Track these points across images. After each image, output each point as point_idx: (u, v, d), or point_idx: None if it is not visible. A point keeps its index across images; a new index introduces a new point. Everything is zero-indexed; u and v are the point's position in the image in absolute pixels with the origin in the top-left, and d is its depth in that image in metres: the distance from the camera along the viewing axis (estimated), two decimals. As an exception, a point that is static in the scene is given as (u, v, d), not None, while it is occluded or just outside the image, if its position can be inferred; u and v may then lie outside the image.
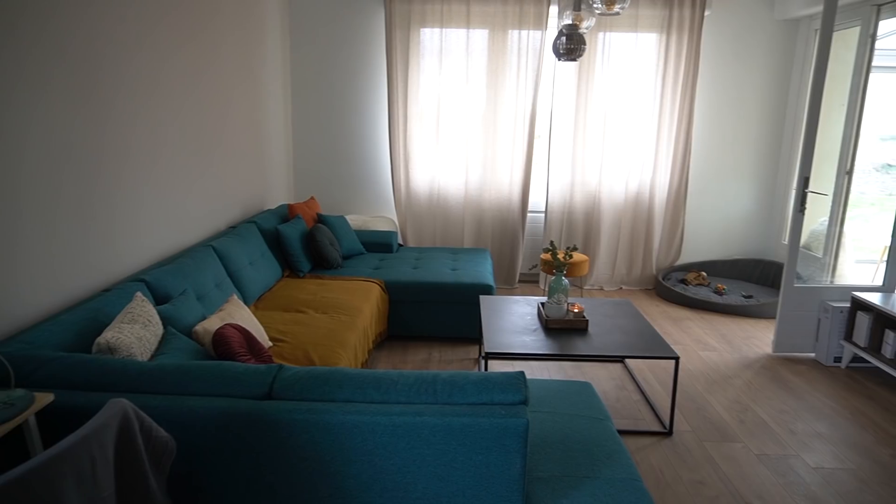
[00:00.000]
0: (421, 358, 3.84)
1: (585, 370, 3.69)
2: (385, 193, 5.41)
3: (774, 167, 5.36)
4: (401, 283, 3.99)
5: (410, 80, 5.03)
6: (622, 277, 5.38)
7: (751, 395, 3.41)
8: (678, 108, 5.02)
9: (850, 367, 3.81)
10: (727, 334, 4.33)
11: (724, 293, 4.95)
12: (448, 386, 1.74)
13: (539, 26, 4.89)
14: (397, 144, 5.13)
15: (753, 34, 5.12)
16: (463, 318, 4.03)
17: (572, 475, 1.92)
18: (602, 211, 5.21)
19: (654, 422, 3.10)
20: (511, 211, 5.21)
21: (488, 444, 1.64)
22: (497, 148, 5.11)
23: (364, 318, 3.40)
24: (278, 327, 3.07)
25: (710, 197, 5.41)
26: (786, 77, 5.19)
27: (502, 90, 5.02)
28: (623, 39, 4.98)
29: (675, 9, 4.86)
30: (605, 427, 2.23)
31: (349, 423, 1.64)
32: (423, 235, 5.33)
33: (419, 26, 4.97)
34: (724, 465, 2.74)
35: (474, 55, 5.00)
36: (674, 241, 5.31)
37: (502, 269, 5.32)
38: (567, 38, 3.26)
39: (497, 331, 3.15)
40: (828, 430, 3.04)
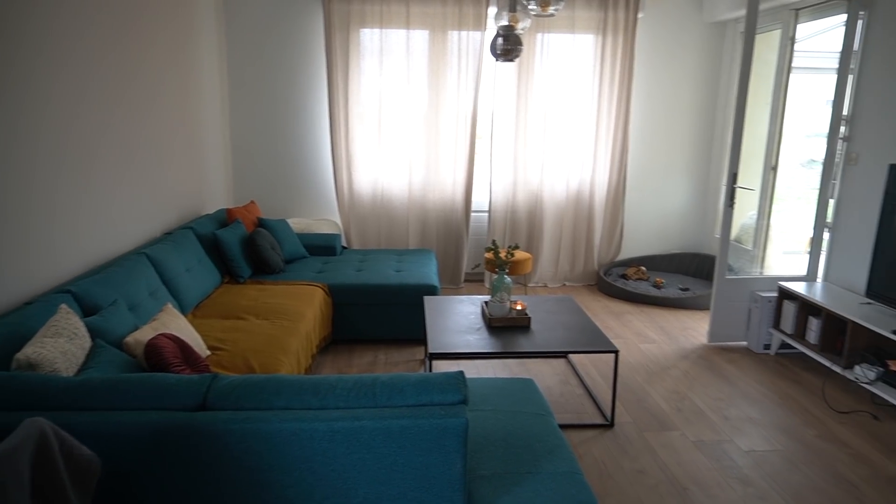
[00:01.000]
0: (367, 361, 3.82)
1: (530, 367, 3.74)
2: (328, 196, 5.34)
3: (707, 164, 5.57)
4: (345, 286, 3.95)
5: (351, 81, 4.99)
6: (565, 274, 5.48)
7: (688, 384, 3.53)
8: (615, 108, 5.15)
9: (779, 353, 3.99)
10: (665, 326, 4.47)
11: (662, 286, 5.11)
12: (387, 389, 1.73)
13: (478, 27, 4.93)
14: (339, 146, 5.08)
15: (684, 36, 5.30)
16: (408, 320, 4.02)
17: (514, 472, 1.94)
18: (544, 209, 5.30)
19: (596, 415, 3.17)
20: (455, 211, 5.24)
21: (428, 445, 1.64)
22: (440, 148, 5.13)
23: (307, 323, 3.35)
24: (217, 335, 2.99)
25: (647, 194, 5.57)
26: (715, 77, 5.40)
27: (444, 91, 5.04)
28: (561, 40, 5.08)
29: (610, 11, 4.99)
30: (546, 422, 2.26)
31: (287, 430, 1.61)
32: (368, 237, 5.29)
33: (359, 27, 4.93)
34: (662, 453, 2.82)
35: (415, 56, 5.00)
36: (614, 238, 5.44)
37: (447, 269, 5.34)
38: (504, 39, 3.29)
39: (441, 331, 3.16)
40: (759, 415, 3.18)
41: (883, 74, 3.57)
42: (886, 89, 3.54)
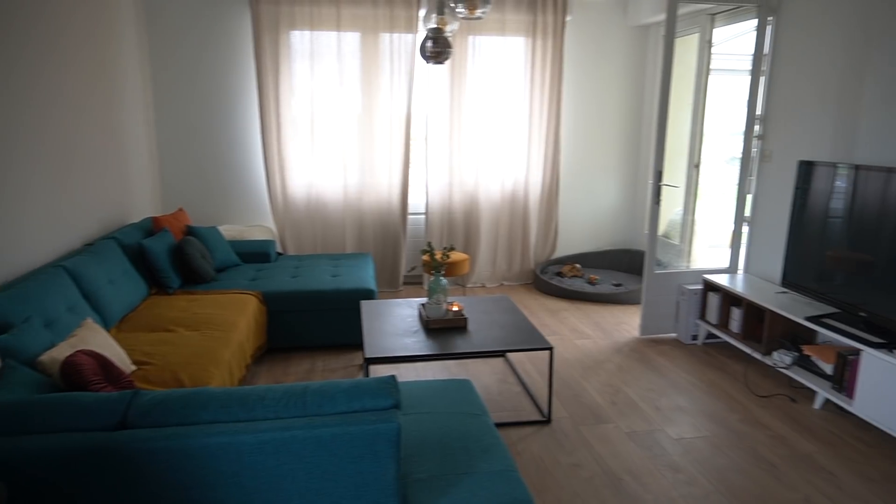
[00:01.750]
0: (304, 369, 3.75)
1: (469, 367, 3.76)
2: (261, 201, 5.22)
3: (635, 162, 5.76)
4: (279, 293, 3.87)
5: (282, 84, 4.89)
6: (503, 273, 5.55)
7: (621, 377, 3.64)
8: (546, 109, 5.26)
9: (706, 343, 4.17)
10: (600, 322, 4.59)
11: (596, 283, 5.24)
12: (318, 397, 1.70)
13: (410, 30, 4.93)
14: (271, 150, 4.97)
15: (610, 39, 5.46)
16: (346, 325, 3.98)
17: (450, 473, 1.95)
18: (480, 210, 5.35)
19: (534, 411, 3.22)
20: (391, 213, 5.22)
21: (360, 451, 1.63)
22: (375, 151, 5.10)
23: (239, 333, 3.26)
24: (143, 349, 2.87)
25: (580, 193, 5.71)
26: (640, 79, 5.59)
27: (377, 93, 5.01)
28: (492, 43, 5.14)
29: (539, 14, 5.09)
30: (482, 422, 2.28)
31: (212, 445, 1.56)
32: (304, 243, 5.20)
33: (288, 29, 4.84)
34: (598, 445, 2.89)
35: (347, 58, 4.95)
36: (549, 236, 5.55)
37: (385, 272, 5.31)
38: (433, 42, 3.30)
39: (378, 335, 3.14)
40: (687, 403, 3.31)
41: (790, 76, 3.78)
42: (793, 90, 3.76)
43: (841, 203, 3.20)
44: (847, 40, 3.37)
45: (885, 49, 3.14)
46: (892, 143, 3.11)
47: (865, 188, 3.04)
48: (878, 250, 2.98)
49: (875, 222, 2.99)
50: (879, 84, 3.18)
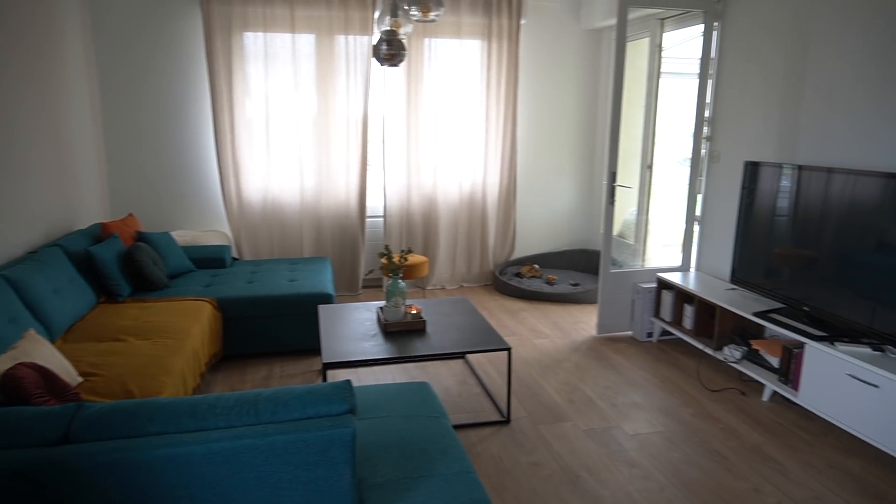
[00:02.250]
0: (261, 375, 3.69)
1: (429, 369, 3.76)
2: (215, 206, 5.12)
3: (591, 164, 5.86)
4: (235, 299, 3.80)
5: (236, 87, 4.81)
6: (462, 275, 5.57)
7: (579, 375, 3.69)
8: (503, 111, 5.30)
9: (660, 340, 4.26)
10: (558, 321, 4.65)
11: (554, 283, 5.31)
12: (271, 404, 1.68)
13: (365, 31, 4.91)
14: (225, 153, 4.88)
15: (564, 42, 5.54)
16: (304, 330, 3.94)
17: (408, 476, 1.94)
18: (439, 212, 5.36)
19: (493, 412, 3.24)
20: (349, 217, 5.18)
21: (315, 458, 1.61)
22: (331, 154, 5.06)
23: (193, 341, 3.19)
24: (91, 360, 2.78)
25: (537, 194, 5.78)
26: (594, 81, 5.69)
27: (333, 96, 4.97)
28: (448, 45, 5.16)
29: (495, 17, 5.13)
30: (440, 424, 2.29)
31: (160, 457, 1.52)
32: (260, 247, 5.12)
33: (241, 30, 4.76)
34: (556, 444, 2.93)
35: (302, 60, 4.90)
36: (507, 238, 5.60)
37: (344, 276, 5.27)
38: (387, 44, 3.30)
39: (335, 339, 3.11)
40: (643, 399, 3.38)
41: (735, 80, 3.90)
42: (739, 93, 3.88)
43: (785, 202, 3.32)
44: (788, 45, 3.50)
45: (822, 53, 3.27)
46: (832, 144, 3.24)
47: (808, 187, 3.16)
48: (821, 247, 3.10)
49: (818, 220, 3.11)
50: (819, 87, 3.31)
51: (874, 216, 2.79)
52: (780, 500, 2.50)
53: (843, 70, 3.16)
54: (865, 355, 2.74)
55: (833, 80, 3.22)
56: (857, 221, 2.88)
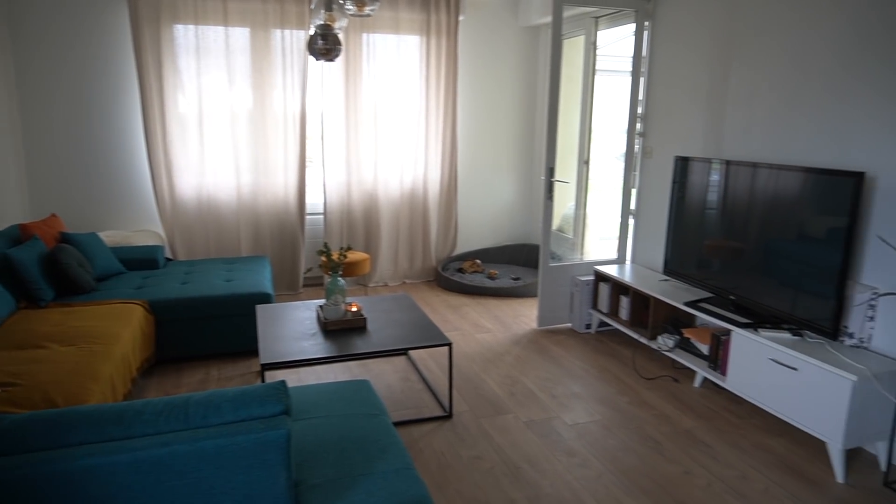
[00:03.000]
0: (197, 379, 3.58)
1: (371, 367, 3.74)
2: (147, 205, 4.93)
3: (530, 159, 5.94)
4: (168, 301, 3.67)
5: (166, 82, 4.63)
6: (405, 272, 5.56)
7: (520, 368, 3.75)
8: (443, 107, 5.31)
9: (598, 331, 4.37)
10: (500, 315, 4.70)
11: (496, 278, 5.37)
12: (202, 408, 1.63)
13: (302, 26, 4.82)
14: (156, 150, 4.70)
15: (502, 39, 5.60)
16: (243, 331, 3.84)
17: (347, 476, 1.92)
18: (380, 208, 5.32)
19: (436, 407, 3.25)
20: (288, 214, 5.09)
21: (248, 462, 1.57)
22: (269, 150, 4.95)
23: (123, 345, 3.06)
24: (9, 369, 2.63)
25: (478, 189, 5.82)
26: (533, 78, 5.77)
27: (270, 91, 4.86)
28: (386, 41, 5.12)
29: (433, 13, 5.12)
30: (380, 422, 2.28)
31: (82, 468, 1.45)
32: (195, 247, 4.96)
33: (171, 23, 4.59)
34: (497, 437, 2.96)
35: (237, 54, 4.77)
36: (449, 233, 5.62)
37: (284, 274, 5.17)
38: (323, 39, 3.24)
39: (274, 339, 3.05)
40: (581, 390, 3.46)
41: (665, 77, 4.04)
42: (669, 90, 4.02)
43: (713, 195, 3.46)
44: (713, 45, 3.64)
45: (744, 53, 3.42)
46: (753, 139, 3.40)
47: (735, 181, 3.30)
48: (747, 238, 3.24)
49: (744, 213, 3.26)
50: (741, 85, 3.46)
51: (794, 208, 2.94)
52: (710, 481, 2.61)
53: (763, 69, 3.31)
54: (786, 340, 2.89)
55: (754, 79, 3.37)
56: (779, 214, 3.03)
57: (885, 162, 2.72)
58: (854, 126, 2.85)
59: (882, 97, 2.72)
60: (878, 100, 2.73)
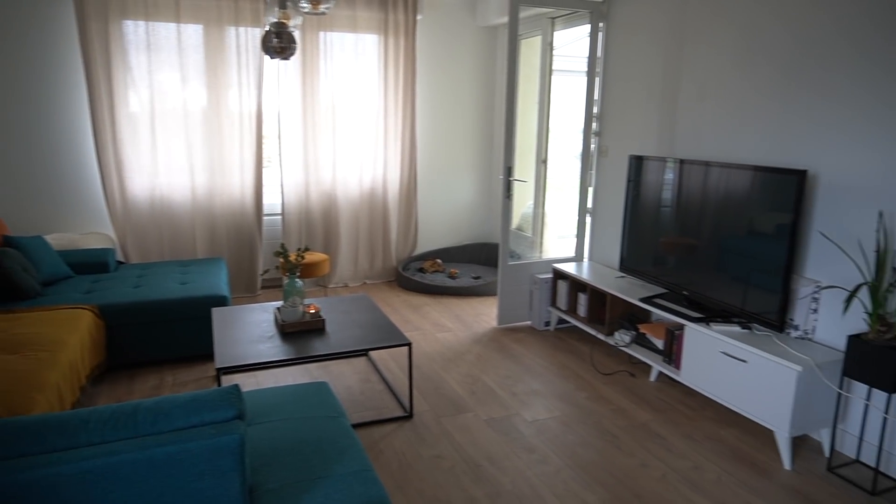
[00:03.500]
0: (151, 385, 3.49)
1: (331, 368, 3.71)
2: (97, 206, 4.77)
3: (489, 159, 5.98)
4: (120, 306, 3.57)
5: (116, 79, 4.49)
6: (365, 272, 5.52)
7: (480, 366, 3.77)
8: (401, 106, 5.30)
9: (557, 328, 4.43)
10: (460, 314, 4.72)
11: (457, 277, 5.38)
12: (151, 414, 1.59)
13: (257, 23, 4.74)
14: (106, 150, 4.56)
15: (460, 38, 5.61)
16: (198, 335, 3.76)
17: (304, 479, 1.90)
18: (339, 209, 5.28)
19: (396, 408, 3.24)
20: (245, 215, 5.00)
21: (200, 469, 1.54)
22: (224, 150, 4.85)
23: (70, 352, 2.96)
24: (-52, 379, 2.51)
25: (438, 189, 5.83)
26: (491, 78, 5.80)
27: (225, 89, 4.76)
28: (344, 39, 5.08)
29: (391, 12, 5.10)
30: (338, 424, 2.26)
31: (20, 482, 1.39)
32: (149, 249, 4.83)
33: (120, 18, 4.45)
34: (458, 435, 2.97)
35: (190, 52, 4.66)
36: (409, 233, 5.61)
37: (241, 276, 5.08)
38: (277, 37, 3.20)
39: (230, 343, 2.99)
40: (541, 387, 3.50)
41: (620, 78, 4.11)
42: (623, 90, 4.09)
43: (667, 193, 3.54)
44: (665, 46, 3.72)
45: (694, 54, 3.51)
46: (705, 139, 3.49)
47: (688, 180, 3.38)
48: (700, 235, 3.33)
49: (696, 210, 3.34)
50: (693, 84, 3.55)
51: (744, 206, 3.03)
52: (665, 472, 2.67)
53: (712, 70, 3.40)
54: (735, 333, 2.97)
55: (704, 79, 3.46)
56: (729, 211, 3.12)
57: (825, 161, 2.83)
58: (796, 127, 2.95)
59: (821, 100, 2.82)
60: (818, 102, 2.84)
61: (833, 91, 2.78)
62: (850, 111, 2.71)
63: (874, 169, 2.63)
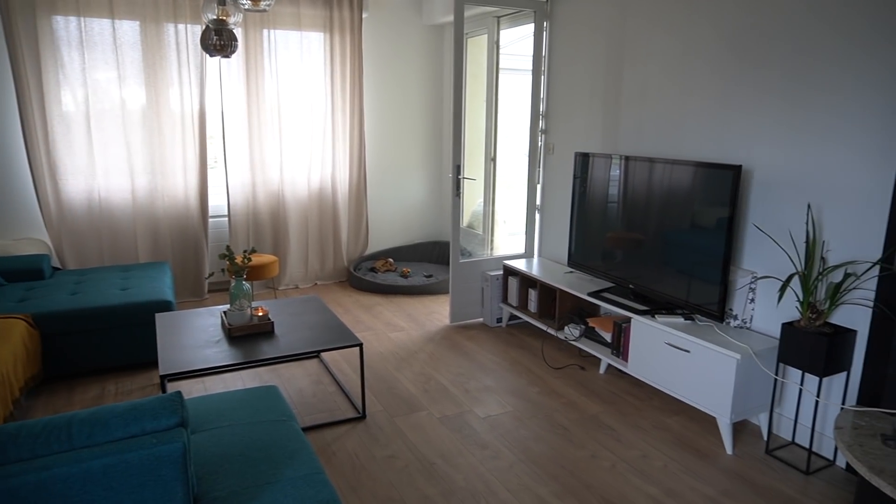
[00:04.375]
0: (92, 395, 3.36)
1: (281, 372, 3.65)
2: (30, 211, 4.55)
3: (439, 157, 5.99)
4: (56, 314, 3.41)
5: (47, 77, 4.30)
6: (316, 273, 5.45)
7: (433, 365, 3.77)
8: (349, 105, 5.25)
9: (509, 324, 4.47)
10: (413, 313, 4.71)
11: (409, 276, 5.37)
12: (87, 426, 1.52)
13: (197, 20, 4.61)
14: (37, 152, 4.35)
15: (407, 37, 5.60)
16: (142, 342, 3.64)
17: (252, 485, 1.86)
18: (288, 209, 5.19)
19: (349, 409, 3.21)
20: (190, 217, 4.86)
21: (141, 480, 1.49)
22: (166, 150, 4.70)
23: (2, 364, 2.82)
24: None
25: (388, 188, 5.80)
26: (439, 76, 5.81)
27: (164, 88, 4.62)
28: (289, 37, 5.00)
29: (336, 10, 5.05)
30: (288, 428, 2.22)
31: (-54, 501, 1.32)
32: (87, 255, 4.64)
33: (49, 13, 4.26)
34: (411, 434, 2.97)
35: (126, 49, 4.49)
36: (360, 233, 5.56)
37: (188, 280, 4.94)
38: (217, 35, 3.12)
39: (175, 349, 2.91)
40: (493, 383, 3.53)
41: (564, 76, 4.18)
42: (568, 89, 4.16)
43: (612, 189, 3.61)
44: (607, 45, 3.80)
45: (635, 53, 3.60)
46: (647, 136, 3.58)
47: (633, 176, 3.47)
48: (644, 229, 3.41)
49: (640, 205, 3.42)
50: (634, 83, 3.63)
51: (685, 201, 3.13)
52: (614, 462, 2.73)
53: (651, 70, 3.49)
54: (679, 325, 3.07)
55: (645, 78, 3.55)
56: (671, 206, 3.21)
57: (758, 156, 2.95)
58: (731, 124, 3.06)
59: (752, 99, 2.94)
60: (749, 101, 2.95)
61: (763, 90, 2.89)
62: (779, 110, 2.83)
63: (802, 164, 2.76)
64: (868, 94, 2.49)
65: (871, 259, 2.53)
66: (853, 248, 2.60)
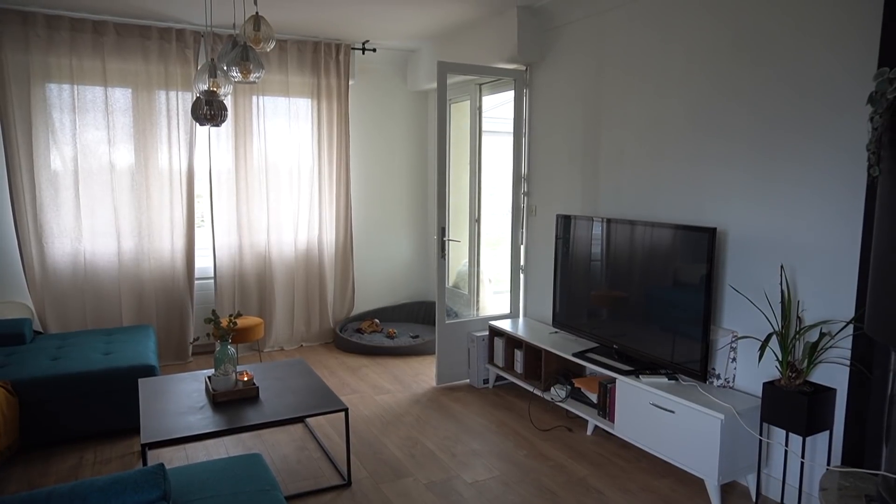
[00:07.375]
0: (69, 465, 3.27)
1: (266, 438, 3.59)
2: (13, 273, 4.54)
3: (424, 218, 6.08)
4: (35, 380, 3.36)
5: (38, 142, 4.37)
6: (302, 335, 5.43)
7: (419, 428, 3.73)
8: (335, 168, 5.36)
9: (496, 385, 4.46)
10: (399, 375, 4.68)
11: (395, 336, 5.36)
12: (66, 501, 1.50)
13: (188, 87, 4.75)
14: (23, 215, 4.38)
15: (393, 102, 5.78)
16: (124, 407, 3.57)
17: (234, 560, 1.82)
18: (274, 271, 5.22)
19: (334, 476, 3.16)
20: (176, 280, 4.86)
21: (120, 557, 1.46)
22: (153, 213, 4.75)
23: (-22, 434, 2.76)
24: None
25: (374, 249, 5.86)
26: (424, 139, 5.97)
27: (154, 152, 4.70)
28: (277, 103, 5.14)
29: (323, 77, 5.22)
30: (271, 498, 2.19)
31: (-82, 585, 1.29)
32: (70, 318, 4.60)
33: (43, 81, 4.37)
34: (397, 502, 2.91)
35: (118, 115, 4.60)
36: (346, 294, 5.58)
37: (172, 344, 4.90)
38: (208, 105, 3.22)
39: (157, 415, 2.87)
40: (481, 446, 3.49)
41: (544, 140, 4.33)
42: (548, 152, 4.30)
43: (595, 250, 3.69)
44: (584, 111, 3.96)
45: (611, 119, 3.75)
46: (625, 198, 3.69)
47: (613, 237, 3.55)
48: (626, 289, 3.48)
49: (622, 266, 3.50)
50: (611, 148, 3.78)
51: (665, 262, 3.21)
52: (603, 527, 2.70)
53: (627, 137, 3.64)
54: (663, 385, 3.09)
55: (622, 144, 3.70)
56: (653, 267, 3.29)
57: (732, 218, 3.05)
58: (706, 188, 3.18)
59: (724, 163, 3.07)
60: (721, 167, 3.08)
61: (734, 156, 3.02)
62: (747, 176, 2.95)
63: (773, 226, 2.86)
64: (829, 163, 2.62)
65: (845, 318, 2.60)
66: (827, 306, 2.67)
